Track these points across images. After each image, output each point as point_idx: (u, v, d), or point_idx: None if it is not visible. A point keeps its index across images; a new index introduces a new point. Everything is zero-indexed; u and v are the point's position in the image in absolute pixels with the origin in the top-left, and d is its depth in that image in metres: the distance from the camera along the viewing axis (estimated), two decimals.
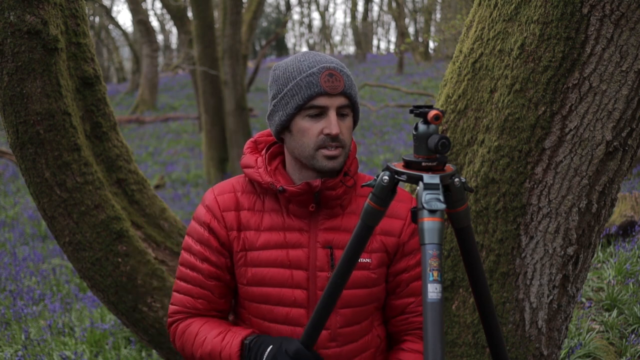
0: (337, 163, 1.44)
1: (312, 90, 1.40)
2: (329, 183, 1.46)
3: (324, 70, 1.41)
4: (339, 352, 1.51)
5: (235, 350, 1.43)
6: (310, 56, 1.46)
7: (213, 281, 1.53)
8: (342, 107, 1.43)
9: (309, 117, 1.42)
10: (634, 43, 1.63)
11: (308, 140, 1.43)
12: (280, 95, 1.45)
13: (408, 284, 1.53)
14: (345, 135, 1.44)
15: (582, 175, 1.75)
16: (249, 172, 1.52)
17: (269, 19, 37.90)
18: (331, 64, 1.44)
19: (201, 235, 1.53)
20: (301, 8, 37.60)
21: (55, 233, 2.31)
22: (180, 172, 12.43)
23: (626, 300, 3.96)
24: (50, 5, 2.10)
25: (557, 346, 1.96)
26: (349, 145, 1.47)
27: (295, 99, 1.41)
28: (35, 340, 4.31)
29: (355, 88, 1.48)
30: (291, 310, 1.48)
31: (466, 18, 2.06)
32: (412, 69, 23.88)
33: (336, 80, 1.41)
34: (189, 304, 1.55)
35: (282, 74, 1.46)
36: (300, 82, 1.41)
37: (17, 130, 2.12)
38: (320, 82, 1.40)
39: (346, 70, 1.47)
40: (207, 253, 1.52)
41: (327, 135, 1.41)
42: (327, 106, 1.41)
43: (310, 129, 1.42)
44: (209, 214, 1.52)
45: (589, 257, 1.91)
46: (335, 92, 1.41)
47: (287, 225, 1.50)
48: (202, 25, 10.36)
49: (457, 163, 1.92)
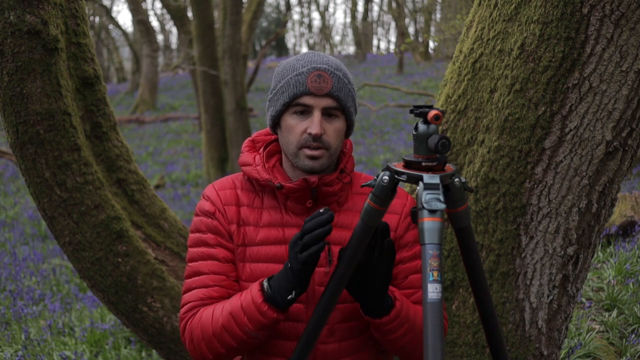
0: (317, 164, 1.45)
1: (298, 89, 1.43)
2: (325, 179, 1.47)
3: (313, 71, 1.43)
4: (338, 347, 1.51)
5: (257, 290, 1.38)
6: (308, 56, 1.48)
7: (228, 264, 1.51)
8: (329, 109, 1.44)
9: (295, 115, 1.45)
10: (634, 43, 1.63)
11: (292, 138, 1.46)
12: (274, 91, 1.50)
13: (406, 276, 1.54)
14: (330, 137, 1.45)
15: (582, 175, 1.75)
16: (247, 170, 1.54)
17: (269, 19, 37.92)
18: (323, 65, 1.45)
19: (209, 224, 1.53)
20: (301, 8, 37.61)
21: (55, 233, 2.31)
22: (180, 172, 12.43)
23: (626, 300, 3.96)
24: (50, 5, 2.10)
25: (557, 346, 1.96)
26: (335, 148, 1.48)
27: (283, 96, 1.45)
28: (35, 340, 4.31)
29: (347, 91, 1.47)
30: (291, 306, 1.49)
31: (466, 18, 2.06)
32: (412, 69, 23.88)
33: (323, 82, 1.43)
34: (203, 294, 1.49)
35: (280, 70, 1.50)
36: (290, 80, 1.45)
37: (17, 130, 2.12)
38: (306, 81, 1.42)
39: (340, 73, 1.47)
40: (220, 238, 1.52)
41: (309, 135, 1.43)
42: (312, 105, 1.43)
43: (296, 127, 1.45)
44: (212, 206, 1.54)
45: (589, 257, 1.91)
46: (320, 93, 1.42)
47: (285, 222, 1.51)
48: (202, 25, 10.36)
49: (457, 163, 1.92)
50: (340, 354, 1.52)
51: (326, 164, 1.47)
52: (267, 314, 1.36)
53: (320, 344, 1.50)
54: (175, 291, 2.48)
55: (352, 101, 1.49)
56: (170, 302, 2.44)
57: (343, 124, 1.49)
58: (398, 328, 1.44)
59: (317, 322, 1.37)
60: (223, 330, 1.41)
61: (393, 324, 1.43)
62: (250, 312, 1.37)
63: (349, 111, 1.49)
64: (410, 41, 15.85)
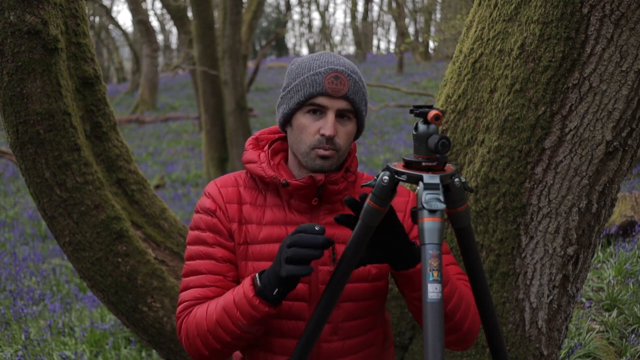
0: (327, 164, 1.46)
1: (314, 89, 1.42)
2: (332, 177, 1.48)
3: (330, 72, 1.43)
4: (341, 345, 1.51)
5: (248, 284, 1.37)
6: (325, 57, 1.48)
7: (226, 264, 1.50)
8: (343, 111, 1.44)
9: (309, 114, 1.45)
10: (634, 43, 1.63)
11: (305, 138, 1.45)
12: (288, 89, 1.48)
13: None
14: (341, 139, 1.45)
15: (582, 175, 1.75)
16: (252, 167, 1.53)
17: (269, 19, 37.92)
18: (340, 66, 1.45)
19: (209, 222, 1.52)
20: (301, 8, 37.62)
21: (55, 233, 2.31)
22: (180, 172, 12.43)
23: (626, 300, 3.96)
24: (50, 5, 2.10)
25: (557, 346, 1.96)
26: (345, 150, 1.48)
27: (298, 94, 1.44)
28: (35, 340, 4.31)
29: (362, 95, 1.47)
30: (293, 304, 1.49)
31: (466, 18, 2.06)
32: (412, 69, 23.89)
33: (340, 83, 1.42)
34: (199, 294, 1.49)
35: (295, 68, 1.49)
36: (306, 79, 1.44)
37: (17, 130, 2.12)
38: (324, 82, 1.42)
39: (356, 76, 1.47)
40: (219, 237, 1.51)
41: (322, 136, 1.43)
42: (327, 106, 1.43)
43: (309, 127, 1.44)
44: (214, 203, 1.53)
45: (589, 257, 1.91)
46: (337, 94, 1.42)
47: (288, 220, 1.51)
48: (202, 25, 10.36)
49: (457, 163, 1.92)
50: (344, 353, 1.52)
51: (335, 165, 1.48)
52: (258, 308, 1.35)
53: (323, 343, 1.50)
54: (175, 291, 2.48)
55: (364, 105, 1.50)
56: (170, 302, 2.44)
57: (354, 127, 1.49)
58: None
59: (318, 320, 1.36)
60: (217, 326, 1.40)
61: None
62: (243, 306, 1.36)
63: (362, 115, 1.49)
64: (410, 41, 15.85)
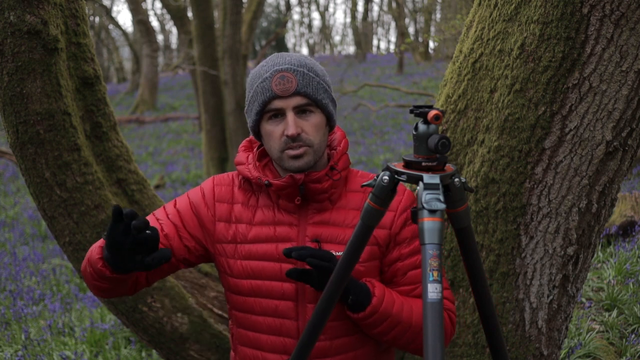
0: (303, 162, 1.46)
1: (265, 96, 1.44)
2: (313, 176, 1.48)
3: (276, 74, 1.44)
4: (329, 345, 1.52)
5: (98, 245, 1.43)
6: (271, 60, 1.49)
7: (170, 225, 1.54)
8: (301, 106, 1.45)
9: (271, 120, 1.47)
10: (634, 43, 1.63)
11: (273, 144, 1.47)
12: (247, 102, 1.52)
13: (405, 273, 1.54)
14: (310, 134, 1.46)
15: (582, 175, 1.75)
16: (241, 169, 1.56)
17: (269, 19, 37.90)
18: (285, 65, 1.45)
19: (186, 202, 1.59)
20: (301, 8, 37.61)
21: (55, 233, 2.31)
22: (180, 172, 12.42)
23: (626, 300, 3.96)
24: (50, 5, 2.10)
25: (557, 346, 1.96)
26: (319, 143, 1.48)
27: (255, 105, 1.47)
28: (35, 340, 4.31)
29: (315, 85, 1.46)
30: (280, 303, 1.50)
31: (466, 18, 2.06)
32: (412, 69, 23.88)
33: (287, 82, 1.43)
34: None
35: (249, 80, 1.52)
36: (257, 88, 1.47)
37: (17, 130, 2.12)
38: (271, 86, 1.44)
39: (304, 69, 1.46)
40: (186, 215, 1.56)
41: (287, 137, 1.44)
42: (283, 107, 1.44)
43: (274, 132, 1.46)
44: (202, 199, 1.58)
45: (589, 257, 1.91)
46: (286, 93, 1.43)
47: (277, 220, 1.53)
48: (202, 25, 10.35)
49: (457, 163, 1.92)
50: (332, 352, 1.52)
51: (312, 161, 1.48)
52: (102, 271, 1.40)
53: None
54: (175, 291, 2.48)
55: (323, 93, 1.48)
56: (170, 302, 2.44)
57: (321, 118, 1.49)
58: (379, 323, 1.44)
59: (318, 321, 1.37)
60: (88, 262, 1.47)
61: (370, 319, 1.44)
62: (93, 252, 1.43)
63: (323, 103, 1.48)
64: (410, 41, 15.85)
